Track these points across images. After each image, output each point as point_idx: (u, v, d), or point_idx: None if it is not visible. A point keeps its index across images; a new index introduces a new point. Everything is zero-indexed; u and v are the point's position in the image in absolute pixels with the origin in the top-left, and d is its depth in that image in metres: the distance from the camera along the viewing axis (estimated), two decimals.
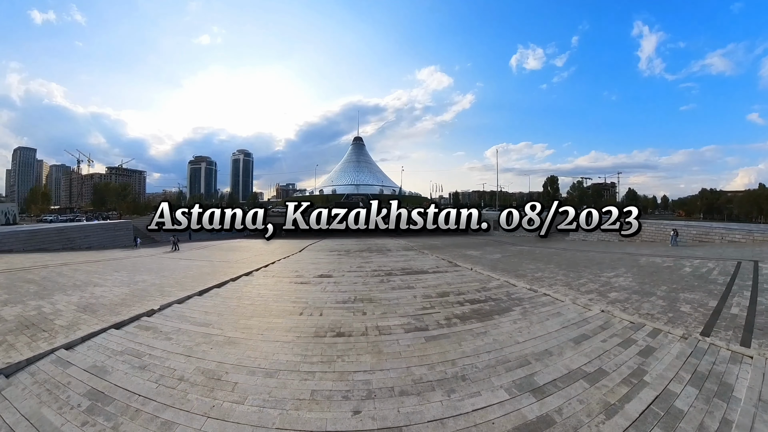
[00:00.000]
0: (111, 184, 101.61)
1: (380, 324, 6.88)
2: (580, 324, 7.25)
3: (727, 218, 66.20)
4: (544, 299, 9.12)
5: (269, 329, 6.58)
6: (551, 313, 7.92)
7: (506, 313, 7.74)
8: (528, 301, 8.83)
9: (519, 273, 13.28)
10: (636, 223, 9.64)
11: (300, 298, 9.28)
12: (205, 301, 9.33)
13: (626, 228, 9.70)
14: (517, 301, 8.80)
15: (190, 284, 11.51)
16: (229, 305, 8.65)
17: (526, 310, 8.05)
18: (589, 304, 8.60)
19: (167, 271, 15.20)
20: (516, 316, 7.49)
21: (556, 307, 8.45)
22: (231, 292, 10.23)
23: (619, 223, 9.75)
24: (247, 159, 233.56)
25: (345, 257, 21.21)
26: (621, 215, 9.77)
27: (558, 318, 7.56)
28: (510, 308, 8.14)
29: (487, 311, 7.84)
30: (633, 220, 9.68)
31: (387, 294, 9.81)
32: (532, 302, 8.78)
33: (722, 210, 78.62)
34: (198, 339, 6.40)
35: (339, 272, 14.28)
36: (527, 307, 8.33)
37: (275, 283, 12.04)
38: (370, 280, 12.10)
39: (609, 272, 13.04)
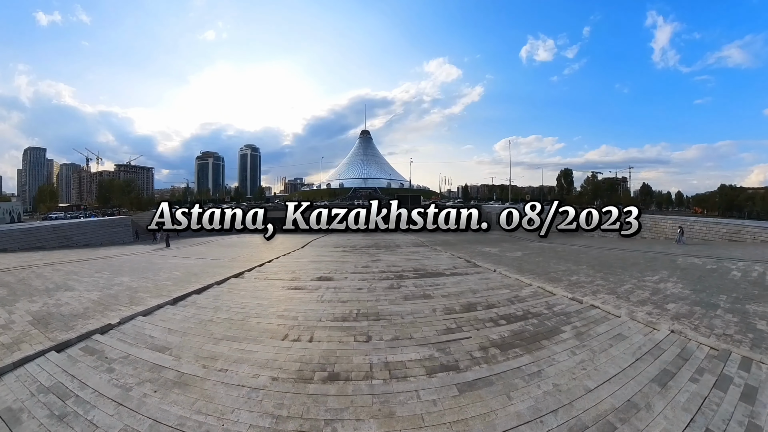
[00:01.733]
0: (115, 180, 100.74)
1: (391, 358, 5.07)
2: (654, 352, 5.48)
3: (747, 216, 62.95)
4: (594, 314, 7.29)
5: (239, 362, 4.87)
6: (612, 335, 6.12)
7: (556, 336, 5.93)
8: (577, 317, 7.01)
9: (551, 276, 11.46)
10: (636, 223, 9.22)
11: (289, 311, 7.53)
12: (177, 312, 7.69)
13: (626, 228, 9.27)
14: (564, 318, 6.97)
15: (169, 289, 9.93)
16: (201, 319, 6.97)
17: (580, 331, 6.24)
18: (652, 322, 6.80)
19: (152, 271, 13.65)
20: (570, 342, 5.68)
21: (614, 325, 6.64)
22: (210, 300, 8.56)
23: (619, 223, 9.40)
24: (254, 154, 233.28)
25: (350, 254, 19.53)
26: (621, 215, 9.40)
27: (623, 343, 5.77)
28: (558, 328, 6.32)
29: (532, 334, 6.02)
30: (633, 220, 9.29)
31: (398, 306, 8.02)
32: (582, 318, 6.96)
33: (742, 208, 74.91)
34: (144, 373, 4.76)
35: (341, 274, 12.55)
36: (579, 326, 6.51)
37: (265, 287, 10.35)
38: (378, 285, 10.30)
39: (651, 275, 11.40)
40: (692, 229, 25.35)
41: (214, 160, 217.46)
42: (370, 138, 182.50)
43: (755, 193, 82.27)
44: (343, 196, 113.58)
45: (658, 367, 4.95)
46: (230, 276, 11.66)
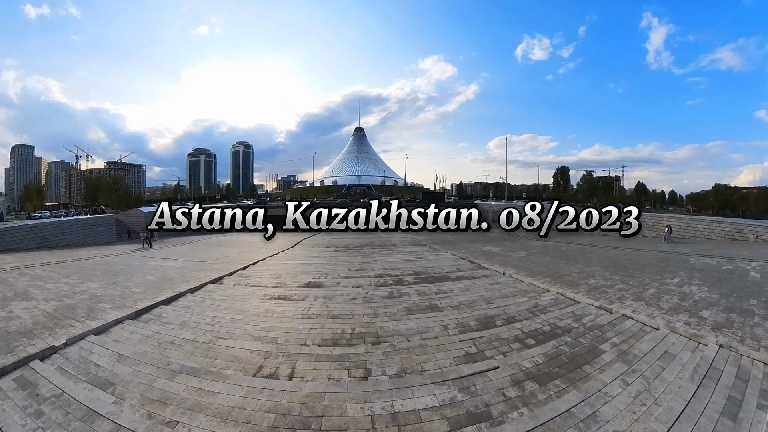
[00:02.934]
0: (103, 178, 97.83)
1: (399, 405, 3.81)
2: (712, 375, 4.57)
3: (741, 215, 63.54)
4: (630, 326, 6.27)
5: (194, 409, 3.71)
6: (658, 353, 5.15)
7: (597, 359, 4.89)
8: (612, 331, 5.98)
9: (567, 280, 10.47)
10: (636, 223, 9.22)
11: (267, 331, 6.26)
12: (135, 329, 6.49)
13: (626, 228, 9.25)
14: (598, 333, 5.92)
15: (135, 297, 8.72)
16: (160, 341, 5.77)
17: (621, 349, 5.21)
18: (695, 334, 5.90)
19: (125, 275, 12.37)
20: (617, 366, 4.65)
21: (656, 340, 5.67)
22: (177, 314, 7.32)
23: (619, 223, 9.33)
24: (247, 151, 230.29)
25: (343, 255, 18.29)
26: (621, 215, 9.35)
27: (674, 364, 4.85)
28: (597, 348, 5.28)
29: (569, 357, 4.95)
30: (633, 220, 9.27)
31: (401, 323, 6.72)
32: (618, 333, 5.93)
33: (736, 207, 75.84)
34: (73, 424, 3.66)
35: (333, 278, 11.32)
36: (617, 342, 5.48)
37: (244, 297, 8.98)
38: (375, 294, 9.01)
39: (670, 277, 10.62)
40: (695, 227, 25.25)
41: (206, 157, 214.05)
42: (364, 135, 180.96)
43: (749, 192, 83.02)
44: (336, 194, 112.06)
45: (722, 395, 4.12)
46: (208, 282, 10.43)
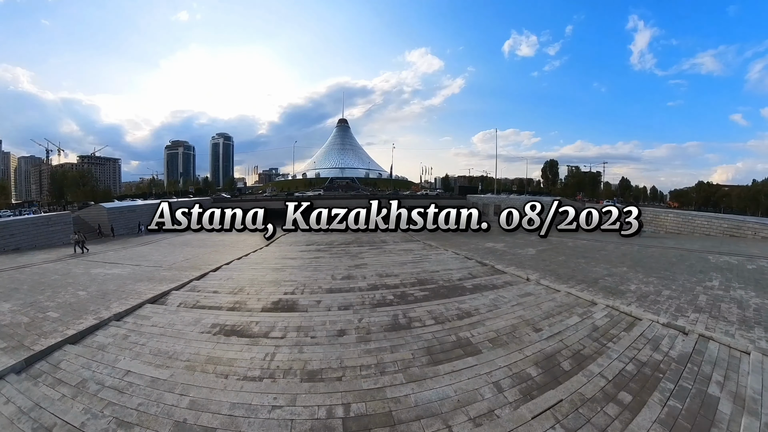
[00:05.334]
0: (69, 172, 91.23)
1: None
2: None
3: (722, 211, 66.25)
4: (716, 351, 4.82)
5: None
6: None
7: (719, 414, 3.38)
8: (706, 363, 4.47)
9: (604, 285, 8.92)
10: (636, 222, 9.36)
11: (197, 410, 3.79)
12: (4, 394, 4.16)
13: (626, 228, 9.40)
14: (693, 368, 4.12)
15: (43, 329, 6.33)
16: (31, 427, 3.48)
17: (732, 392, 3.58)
18: None
19: (54, 289, 9.84)
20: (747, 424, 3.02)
21: (757, 369, 4.43)
22: (78, 365, 4.89)
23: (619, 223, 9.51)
24: (227, 143, 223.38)
25: (325, 256, 15.88)
26: (621, 215, 9.55)
27: None
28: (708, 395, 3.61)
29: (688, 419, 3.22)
30: (633, 220, 9.41)
31: (425, 385, 4.15)
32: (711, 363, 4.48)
33: (717, 203, 78.47)
34: None
35: (311, 293, 8.97)
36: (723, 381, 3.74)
37: (184, 327, 6.45)
38: (372, 320, 6.53)
39: (707, 279, 9.61)
40: (693, 223, 25.85)
41: (185, 149, 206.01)
42: (347, 127, 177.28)
43: (731, 190, 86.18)
44: (319, 186, 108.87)
45: None
46: (146, 300, 8.07)
